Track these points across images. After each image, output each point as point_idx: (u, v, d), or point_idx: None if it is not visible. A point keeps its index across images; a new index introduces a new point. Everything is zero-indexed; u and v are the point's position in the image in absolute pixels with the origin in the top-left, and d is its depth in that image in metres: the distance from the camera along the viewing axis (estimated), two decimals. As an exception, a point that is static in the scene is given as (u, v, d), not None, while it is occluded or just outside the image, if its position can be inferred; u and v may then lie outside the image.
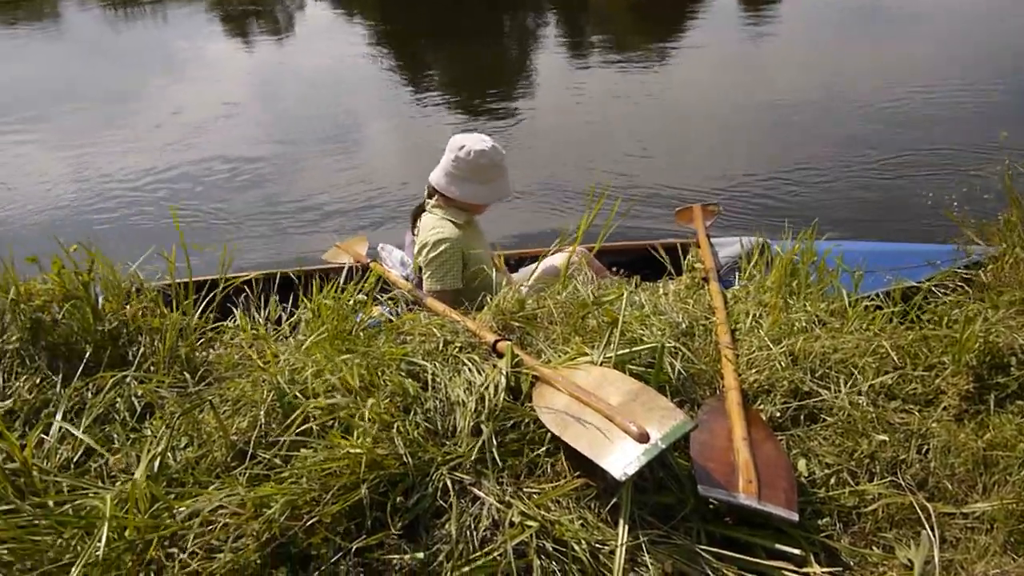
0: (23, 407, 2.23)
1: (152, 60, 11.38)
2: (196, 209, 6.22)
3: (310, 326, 2.62)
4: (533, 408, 2.05)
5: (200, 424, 2.13)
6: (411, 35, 12.22)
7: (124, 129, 8.21)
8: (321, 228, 5.90)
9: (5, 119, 8.68)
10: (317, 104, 8.83)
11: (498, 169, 3.34)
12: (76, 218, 6.10)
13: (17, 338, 2.37)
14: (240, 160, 7.22)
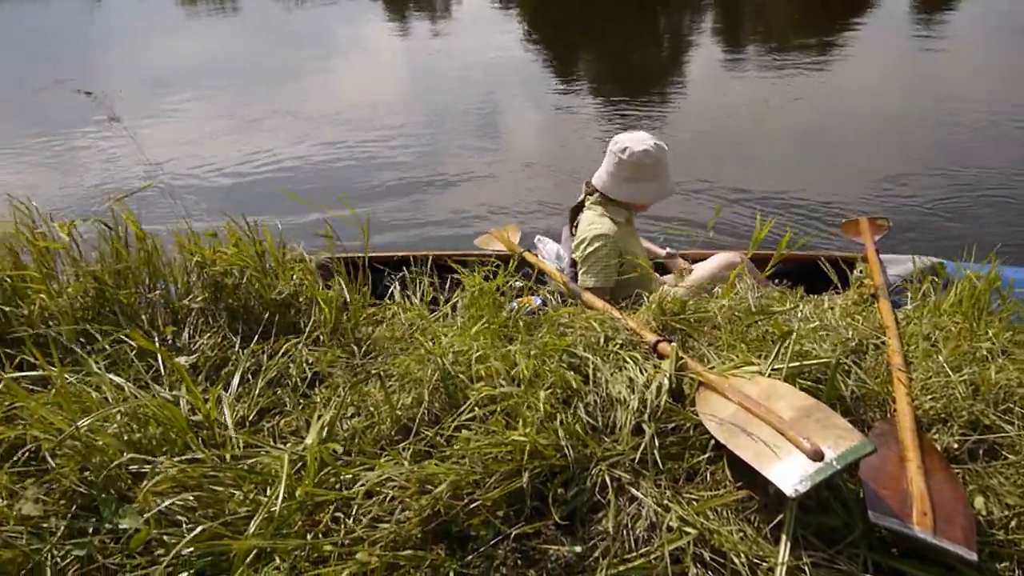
0: (205, 363, 2.36)
1: (317, 42, 11.83)
2: (348, 187, 6.42)
3: (469, 310, 2.66)
4: (696, 413, 2.01)
5: (366, 396, 2.20)
6: (565, 29, 12.23)
7: (285, 106, 8.57)
8: (468, 214, 5.98)
9: (182, 92, 9.20)
10: (469, 93, 8.96)
11: (660, 168, 3.30)
12: (241, 187, 6.40)
13: (202, 298, 2.52)
14: (392, 142, 7.41)
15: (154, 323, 2.47)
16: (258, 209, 5.62)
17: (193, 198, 5.89)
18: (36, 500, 1.85)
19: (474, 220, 5.81)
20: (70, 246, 2.59)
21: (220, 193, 6.22)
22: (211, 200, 5.89)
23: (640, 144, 3.23)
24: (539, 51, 10.88)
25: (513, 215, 5.92)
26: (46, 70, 10.58)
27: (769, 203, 5.80)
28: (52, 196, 5.27)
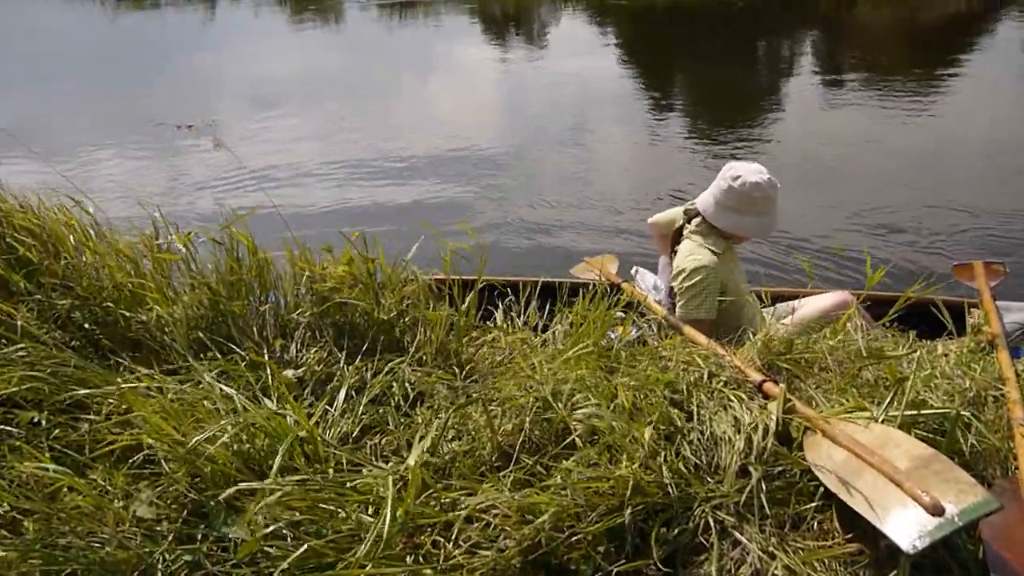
0: (311, 377, 2.41)
1: (417, 60, 12.06)
2: (444, 206, 6.50)
3: (570, 337, 2.65)
4: (804, 458, 1.96)
5: (467, 419, 2.21)
6: (662, 52, 12.18)
7: (385, 123, 8.74)
8: (563, 240, 5.97)
9: (289, 107, 9.48)
10: (563, 115, 8.98)
11: (769, 202, 3.23)
12: (347, 203, 6.53)
13: (310, 313, 2.57)
14: (487, 163, 7.47)
15: (263, 335, 2.53)
16: (364, 224, 5.78)
17: (302, 212, 6.04)
18: (150, 503, 1.92)
19: (570, 247, 5.80)
20: (187, 257, 2.69)
21: (328, 209, 6.37)
22: (321, 216, 6.05)
23: (753, 176, 3.17)
24: (634, 74, 10.85)
25: (607, 241, 5.90)
26: (163, 87, 11.07)
27: (874, 240, 5.64)
28: (170, 212, 5.50)
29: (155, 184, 6.90)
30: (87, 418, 2.18)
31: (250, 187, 6.36)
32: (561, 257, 5.56)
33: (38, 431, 2.13)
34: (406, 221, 6.03)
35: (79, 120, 9.33)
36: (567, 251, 5.72)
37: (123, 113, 9.47)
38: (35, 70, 12.15)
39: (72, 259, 2.63)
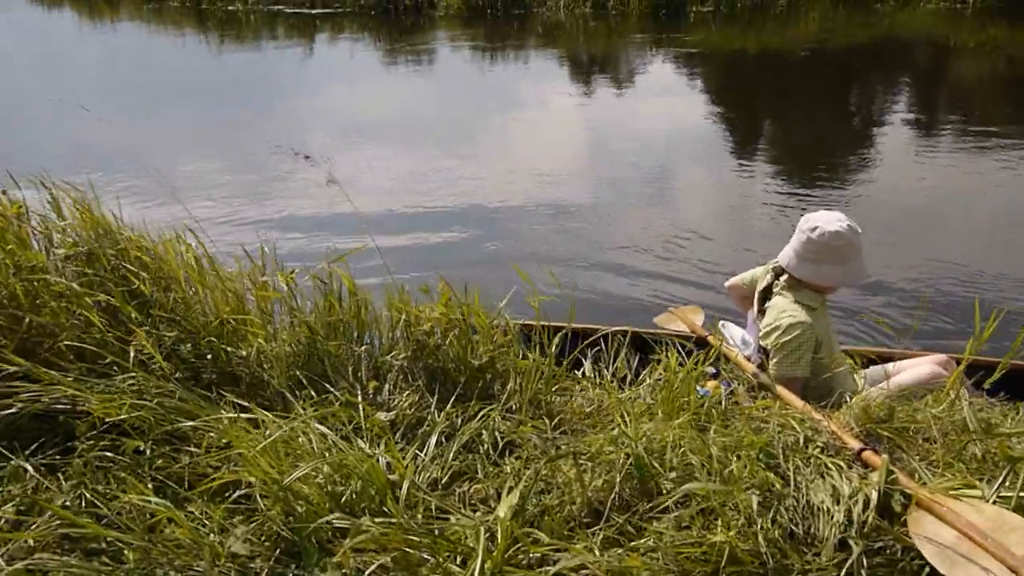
0: (403, 420, 2.43)
1: (506, 100, 12.22)
2: (530, 245, 6.53)
3: (660, 391, 2.63)
4: (908, 534, 1.88)
5: (557, 472, 2.20)
6: (748, 98, 12.06)
7: (474, 161, 8.86)
8: (645, 289, 5.91)
9: (384, 146, 9.70)
10: (647, 160, 8.95)
11: (851, 251, 3.14)
12: (440, 245, 6.61)
13: (404, 355, 2.61)
14: (567, 204, 7.48)
15: (358, 376, 2.57)
16: (456, 265, 5.84)
17: (399, 251, 6.12)
18: (244, 540, 1.96)
19: (652, 295, 5.74)
20: (289, 295, 2.76)
21: (423, 248, 6.46)
22: (417, 256, 6.14)
23: (832, 224, 3.10)
24: (720, 119, 10.77)
25: (689, 291, 5.81)
26: (269, 121, 11.48)
27: (966, 300, 5.43)
28: (275, 244, 5.64)
29: (263, 215, 7.11)
30: (188, 450, 2.25)
31: (351, 224, 6.49)
32: (644, 305, 5.52)
33: (142, 460, 2.21)
34: (496, 263, 6.07)
35: (193, 150, 9.70)
36: (649, 299, 5.67)
37: (235, 144, 9.84)
38: (151, 101, 12.75)
39: (181, 292, 2.73)
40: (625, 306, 5.55)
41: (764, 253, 3.48)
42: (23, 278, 2.51)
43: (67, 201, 3.04)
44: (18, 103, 13.01)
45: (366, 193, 7.51)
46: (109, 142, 9.32)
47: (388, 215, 7.05)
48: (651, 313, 4.88)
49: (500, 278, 5.71)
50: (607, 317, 5.15)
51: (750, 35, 15.81)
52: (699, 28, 15.92)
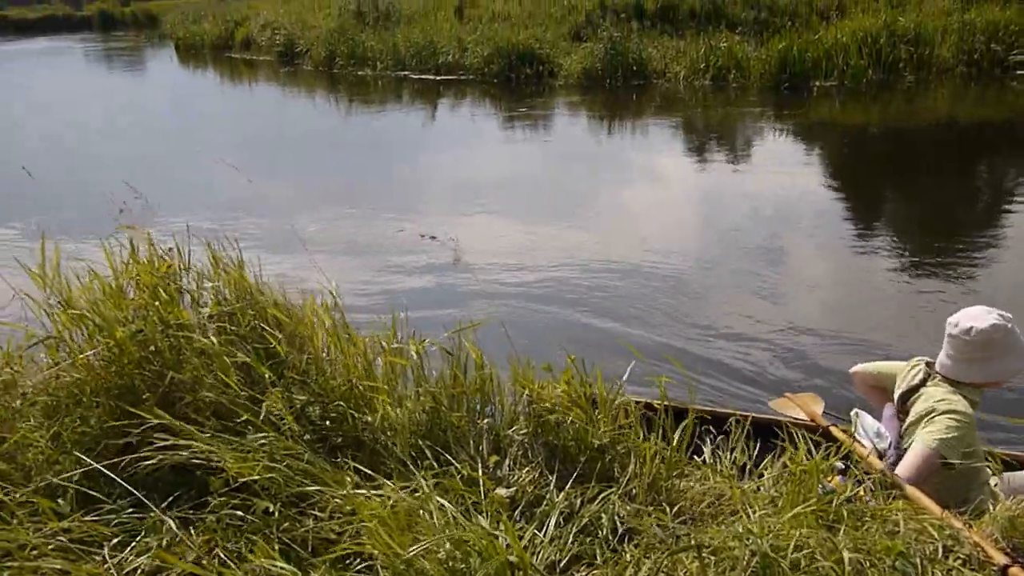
0: (522, 498, 2.42)
1: (620, 168, 12.28)
2: (637, 321, 6.46)
3: (784, 485, 2.54)
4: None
5: (678, 563, 2.14)
6: (869, 173, 11.68)
7: (585, 230, 8.88)
8: (758, 370, 5.74)
9: (504, 210, 9.86)
10: (759, 232, 8.76)
11: (1013, 337, 2.98)
12: (557, 314, 6.60)
13: (526, 431, 2.61)
14: (680, 279, 7.36)
15: (479, 449, 2.59)
16: (576, 340, 5.84)
17: (523, 324, 6.16)
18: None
19: (766, 377, 5.58)
20: (416, 363, 2.81)
21: (543, 321, 6.45)
22: (537, 327, 6.15)
23: (984, 320, 2.96)
24: (839, 194, 10.47)
25: (805, 374, 5.61)
26: (391, 179, 11.88)
27: None
28: (405, 311, 5.73)
29: (392, 280, 7.25)
30: (313, 513, 2.29)
31: (478, 297, 6.58)
32: (758, 387, 5.37)
33: (270, 521, 2.26)
34: (612, 336, 6.03)
35: (324, 208, 10.04)
36: (764, 381, 5.51)
37: (364, 206, 10.14)
38: (285, 159, 13.38)
39: (314, 354, 2.82)
40: (738, 388, 5.41)
41: (885, 338, 3.33)
42: (170, 335, 2.65)
43: (212, 256, 3.21)
44: (165, 155, 13.88)
45: (488, 262, 7.58)
46: (246, 196, 9.77)
47: (510, 287, 7.08)
48: (765, 396, 4.75)
49: (617, 352, 5.69)
50: (720, 398, 5.05)
51: (875, 111, 15.47)
52: (821, 103, 15.68)
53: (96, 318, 2.66)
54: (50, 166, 12.64)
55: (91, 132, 17.04)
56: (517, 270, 7.46)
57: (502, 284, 7.07)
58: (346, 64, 22.99)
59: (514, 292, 6.92)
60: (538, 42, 19.48)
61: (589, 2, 22.11)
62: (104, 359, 2.64)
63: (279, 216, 8.75)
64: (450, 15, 25.20)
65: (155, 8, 63.17)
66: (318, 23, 27.15)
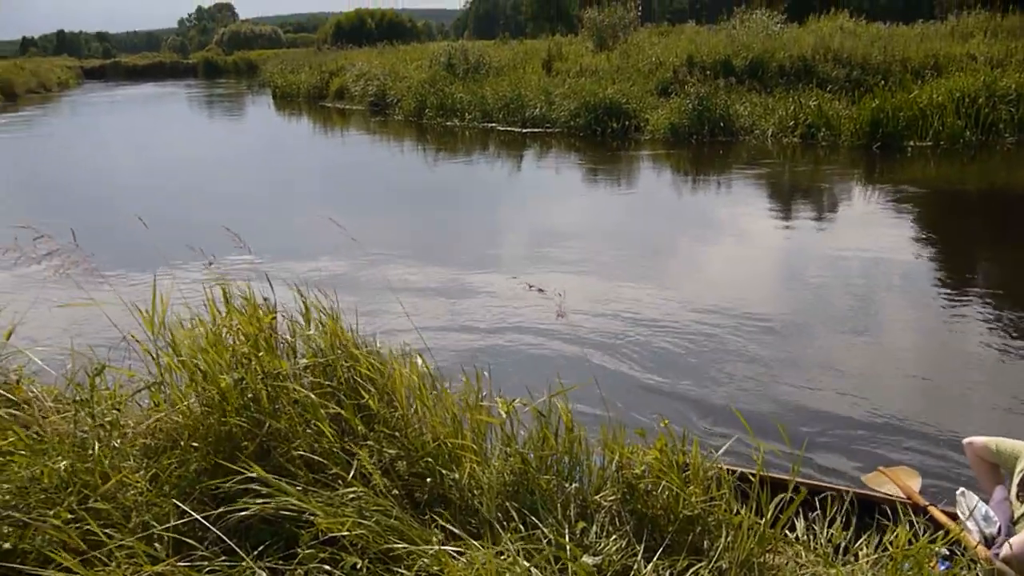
0: (608, 567, 2.37)
1: (703, 222, 12.17)
2: (726, 385, 6.29)
3: (883, 571, 2.43)
4: None
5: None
6: (965, 239, 11.30)
7: (674, 287, 8.78)
8: (848, 442, 5.53)
9: (595, 264, 9.84)
10: (844, 294, 8.50)
11: None
12: (651, 377, 6.45)
13: (614, 497, 2.56)
14: (768, 342, 7.19)
15: (566, 513, 2.55)
16: (667, 403, 5.75)
17: (616, 386, 6.07)
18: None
19: (857, 447, 5.36)
20: (505, 423, 2.80)
21: (635, 383, 6.31)
22: (630, 389, 6.03)
23: None
24: (931, 260, 10.10)
25: (900, 448, 5.38)
26: (479, 230, 12.01)
27: None
28: (497, 368, 5.60)
29: (486, 335, 7.20)
30: (400, 572, 2.28)
31: (571, 353, 6.51)
32: (849, 459, 5.17)
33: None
34: (702, 401, 5.88)
35: (415, 257, 10.15)
36: (854, 451, 5.30)
37: (455, 256, 10.21)
38: (376, 208, 13.67)
39: (403, 410, 2.84)
40: (829, 459, 5.22)
41: (982, 411, 3.17)
42: (269, 384, 2.70)
43: (307, 305, 3.27)
44: (264, 200, 14.35)
45: (581, 317, 7.47)
46: (341, 244, 9.96)
47: (605, 344, 6.95)
48: (857, 469, 4.58)
49: (708, 416, 5.57)
50: (805, 470, 4.86)
51: (972, 172, 15.04)
52: (915, 163, 15.32)
53: (201, 364, 2.74)
54: (153, 206, 13.23)
55: (192, 174, 17.82)
56: (612, 327, 7.37)
57: (596, 341, 6.97)
58: (435, 115, 23.54)
59: (608, 348, 6.82)
60: (625, 97, 19.60)
61: (676, 58, 22.21)
62: (205, 405, 2.70)
63: (373, 265, 8.88)
64: (538, 68, 25.64)
65: (255, 57, 66.17)
66: (409, 74, 27.96)
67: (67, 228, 3.44)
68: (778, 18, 25.94)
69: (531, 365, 6.21)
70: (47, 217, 12.07)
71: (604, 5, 31.23)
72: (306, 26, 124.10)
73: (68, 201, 14.75)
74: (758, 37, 22.87)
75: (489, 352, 6.41)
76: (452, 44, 30.52)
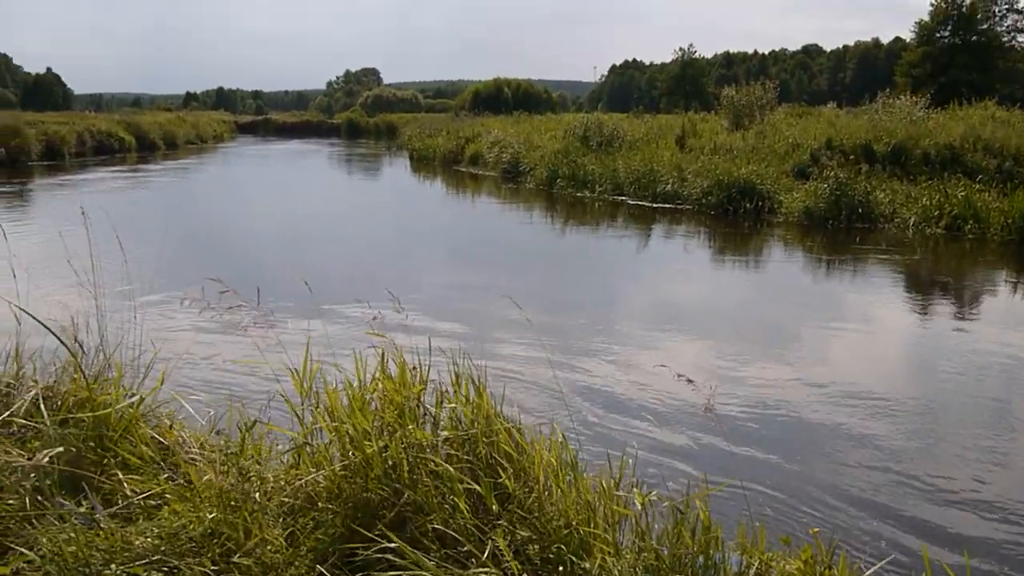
0: None
1: (835, 308, 11.74)
2: (873, 499, 5.95)
3: None
4: None
5: None
6: None
7: (797, 369, 8.45)
8: (996, 555, 5.15)
9: (723, 344, 9.63)
10: (983, 391, 8.00)
11: None
12: (795, 480, 6.16)
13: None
14: (915, 447, 6.80)
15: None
16: (814, 510, 5.50)
17: (758, 489, 5.83)
18: None
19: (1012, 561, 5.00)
20: (639, 515, 2.75)
21: (788, 484, 6.03)
22: (782, 490, 5.74)
23: None
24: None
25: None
26: (610, 303, 11.96)
27: None
28: (635, 456, 5.34)
29: (624, 421, 7.00)
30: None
31: (711, 443, 6.28)
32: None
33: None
34: (859, 507, 5.58)
35: (561, 332, 10.08)
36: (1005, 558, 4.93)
37: (602, 334, 10.02)
38: (514, 277, 13.81)
39: (539, 491, 2.83)
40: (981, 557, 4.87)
41: None
42: (412, 455, 2.75)
43: (454, 375, 3.32)
44: (410, 261, 14.75)
45: (725, 407, 7.24)
46: (483, 312, 10.14)
47: (751, 438, 6.58)
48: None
49: (854, 521, 5.28)
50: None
51: None
52: (1077, 260, 14.48)
53: (349, 429, 2.82)
54: (306, 258, 13.87)
55: (338, 227, 18.74)
56: (756, 418, 7.07)
57: (740, 431, 6.69)
58: (566, 185, 23.86)
59: (753, 441, 6.53)
60: (759, 177, 19.35)
61: (815, 140, 21.86)
62: (349, 469, 2.77)
63: (516, 335, 8.90)
64: (671, 144, 25.71)
65: (395, 120, 69.03)
66: (543, 144, 28.52)
67: (223, 274, 3.64)
68: (922, 104, 25.24)
69: (669, 453, 6.00)
70: (209, 262, 12.89)
71: (742, 84, 31.20)
72: (445, 92, 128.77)
73: (224, 247, 15.70)
74: (901, 123, 22.29)
75: (627, 435, 6.24)
76: (588, 116, 31.01)
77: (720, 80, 77.97)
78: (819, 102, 48.84)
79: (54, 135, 36.85)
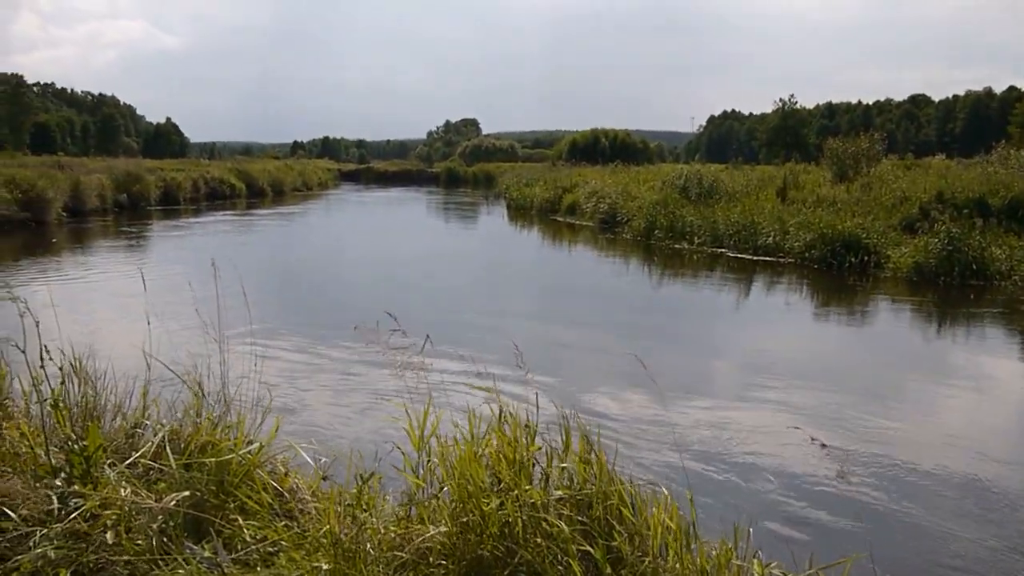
0: None
1: (953, 370, 11.22)
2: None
3: None
4: None
5: None
6: None
7: (924, 433, 8.07)
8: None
9: (820, 395, 9.31)
10: None
11: None
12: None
13: None
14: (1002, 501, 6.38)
15: None
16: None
17: (889, 540, 5.57)
18: None
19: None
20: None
21: (923, 559, 5.74)
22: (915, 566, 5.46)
23: None
24: None
25: None
26: (713, 357, 11.74)
27: None
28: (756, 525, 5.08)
29: (745, 482, 6.67)
30: None
31: (842, 513, 6.00)
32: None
33: None
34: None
35: (680, 389, 9.73)
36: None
37: (717, 390, 9.69)
38: (619, 326, 13.71)
39: (653, 557, 2.77)
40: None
41: None
42: (526, 514, 2.73)
43: (567, 433, 3.31)
44: (529, 315, 14.78)
45: (859, 474, 6.86)
46: (602, 368, 10.06)
47: (882, 504, 6.26)
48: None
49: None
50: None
51: None
52: None
53: (468, 486, 2.83)
54: (411, 305, 14.11)
55: (443, 275, 19.24)
56: (884, 483, 6.74)
57: (868, 498, 6.37)
58: (664, 236, 23.69)
59: (885, 511, 6.22)
60: (865, 231, 18.78)
61: (925, 193, 21.18)
62: (465, 526, 2.78)
63: (637, 394, 8.77)
64: (772, 196, 25.28)
65: (493, 169, 70.17)
66: (641, 195, 28.48)
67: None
68: (1042, 155, 24.27)
69: (792, 520, 5.74)
70: (326, 304, 13.26)
71: (845, 134, 30.54)
72: (543, 142, 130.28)
73: (332, 292, 16.17)
74: (1019, 175, 21.38)
75: (747, 499, 5.99)
76: (686, 167, 30.86)
77: (822, 131, 76.69)
78: (927, 153, 47.51)
79: (171, 181, 39.23)
